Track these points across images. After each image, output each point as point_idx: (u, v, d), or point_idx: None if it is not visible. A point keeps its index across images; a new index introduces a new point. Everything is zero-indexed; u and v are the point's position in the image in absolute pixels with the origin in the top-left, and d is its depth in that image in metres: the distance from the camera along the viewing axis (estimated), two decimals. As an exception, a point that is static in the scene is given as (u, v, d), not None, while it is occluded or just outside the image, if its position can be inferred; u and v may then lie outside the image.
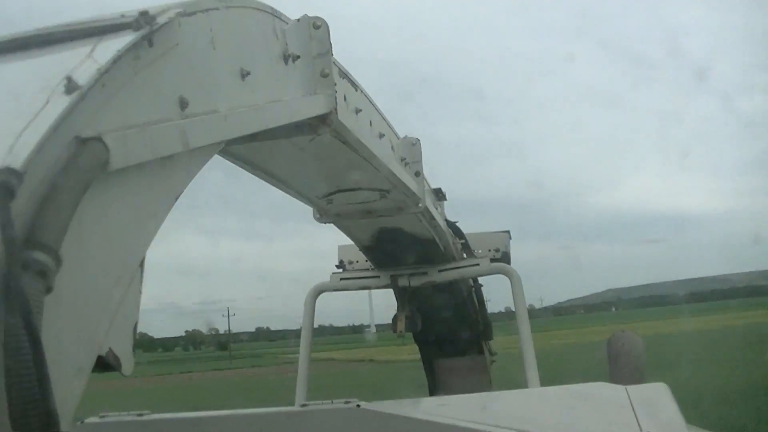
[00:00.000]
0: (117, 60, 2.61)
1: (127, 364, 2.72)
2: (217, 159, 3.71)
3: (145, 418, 4.51)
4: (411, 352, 11.32)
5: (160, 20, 2.89)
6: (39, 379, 1.99)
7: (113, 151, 2.46)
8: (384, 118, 6.40)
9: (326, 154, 5.32)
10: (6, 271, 2.01)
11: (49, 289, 2.12)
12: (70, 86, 2.41)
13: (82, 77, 2.46)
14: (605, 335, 9.75)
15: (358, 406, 4.17)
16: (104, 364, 2.60)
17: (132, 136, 2.63)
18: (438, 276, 9.02)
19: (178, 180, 3.03)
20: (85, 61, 2.59)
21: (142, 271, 2.81)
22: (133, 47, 2.72)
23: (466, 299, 10.02)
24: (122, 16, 2.89)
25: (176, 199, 3.02)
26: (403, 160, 6.97)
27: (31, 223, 2.15)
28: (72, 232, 2.25)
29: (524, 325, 8.81)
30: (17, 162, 2.12)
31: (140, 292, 2.82)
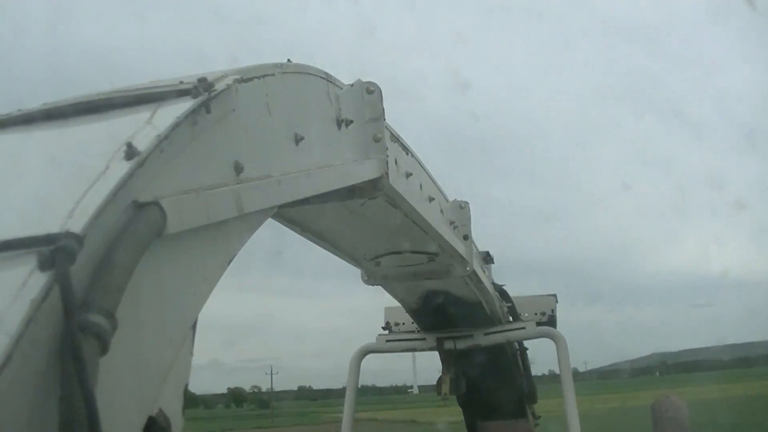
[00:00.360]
0: (176, 126, 2.66)
1: (177, 425, 2.74)
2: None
3: None
4: (453, 413, 11.23)
5: (218, 87, 2.95)
6: None
7: (170, 216, 2.50)
8: (434, 182, 6.42)
9: (376, 217, 5.34)
10: (64, 332, 2.05)
11: (104, 351, 2.14)
12: (130, 152, 2.45)
13: (142, 143, 2.51)
14: (650, 400, 9.63)
15: None
16: (154, 425, 2.62)
17: (188, 200, 2.67)
18: (484, 339, 8.96)
19: (231, 244, 3.06)
20: (145, 127, 2.63)
21: (194, 333, 2.83)
22: (191, 114, 2.77)
23: (511, 362, 9.95)
24: (181, 82, 2.95)
25: (229, 262, 3.05)
26: (452, 223, 6.99)
27: (89, 286, 2.19)
28: (128, 294, 2.28)
29: (569, 389, 8.73)
30: (78, 226, 2.16)
31: (192, 353, 2.84)
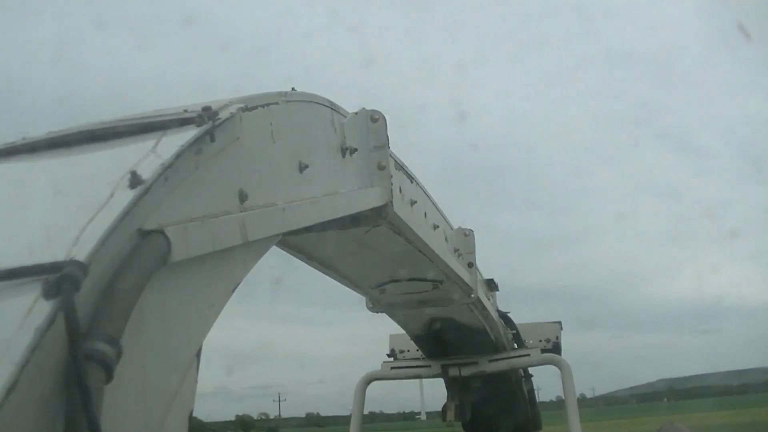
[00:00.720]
0: (180, 155, 2.67)
1: None
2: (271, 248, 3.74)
3: None
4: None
5: (223, 115, 2.96)
6: None
7: (174, 244, 2.51)
8: (438, 209, 6.44)
9: (381, 245, 5.35)
10: (69, 360, 2.06)
11: (109, 379, 2.15)
12: (134, 180, 2.46)
13: (146, 171, 2.52)
14: (656, 425, 9.62)
15: None
16: None
17: (193, 228, 2.68)
18: (488, 366, 8.97)
19: (236, 271, 3.07)
20: (149, 156, 2.65)
21: (198, 360, 2.84)
22: (196, 142, 2.78)
23: (516, 389, 9.96)
24: (185, 111, 2.96)
25: (234, 290, 3.05)
26: (456, 251, 7.00)
27: (94, 314, 2.20)
28: (132, 322, 2.29)
29: (574, 416, 8.74)
30: (82, 254, 2.18)
31: (196, 380, 2.84)
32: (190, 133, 2.80)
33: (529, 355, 9.27)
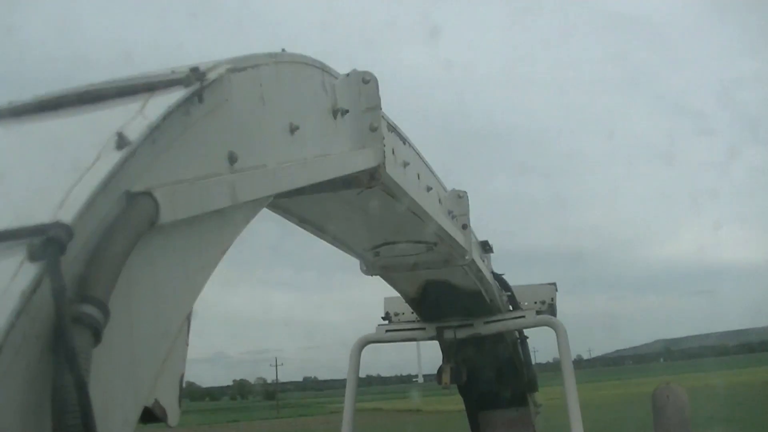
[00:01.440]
0: (167, 116, 2.65)
1: (173, 416, 2.73)
2: (265, 211, 3.73)
3: None
4: (459, 402, 11.24)
5: (211, 76, 2.93)
6: (86, 431, 2.01)
7: (163, 206, 2.49)
8: (432, 172, 6.42)
9: (374, 207, 5.33)
10: (56, 323, 2.04)
11: (97, 342, 2.13)
12: (121, 142, 2.44)
13: (133, 133, 2.50)
14: (652, 387, 9.66)
15: None
16: (150, 416, 2.62)
17: (181, 190, 2.66)
18: (483, 328, 8.97)
19: (226, 234, 3.05)
20: (136, 117, 2.62)
21: (189, 324, 2.83)
22: (184, 103, 2.75)
23: (511, 351, 9.98)
24: (173, 72, 2.93)
25: (224, 252, 3.04)
26: (450, 212, 6.98)
27: (81, 277, 2.18)
28: (121, 285, 2.28)
29: (569, 378, 8.77)
30: (68, 217, 2.15)
31: (187, 344, 2.83)
32: (177, 94, 2.77)
33: (524, 317, 9.28)
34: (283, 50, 3.80)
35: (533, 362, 10.93)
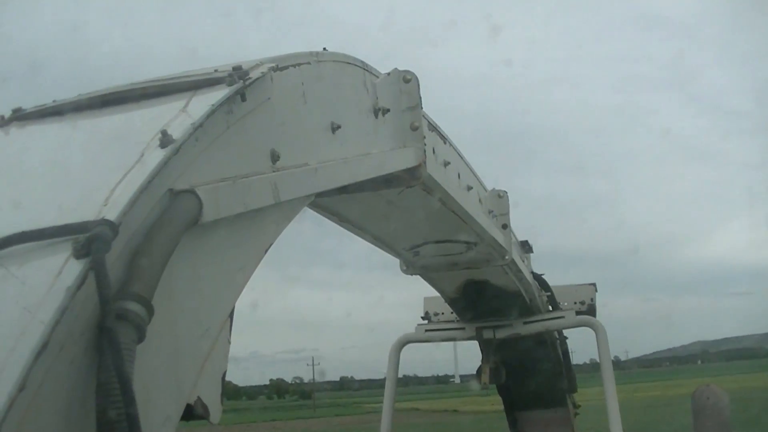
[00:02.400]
0: (210, 114, 2.66)
1: (215, 413, 2.73)
2: (304, 210, 3.72)
3: None
4: (496, 402, 11.21)
5: (253, 75, 2.94)
6: (129, 428, 2.02)
7: (205, 204, 2.49)
8: (472, 171, 6.40)
9: (414, 207, 5.32)
10: (100, 320, 2.05)
11: (141, 339, 2.14)
12: (165, 140, 2.45)
13: (177, 131, 2.51)
14: (691, 388, 9.57)
15: None
16: (192, 413, 2.62)
17: (224, 189, 2.67)
18: (523, 328, 8.93)
19: (268, 232, 3.05)
20: (180, 116, 2.63)
21: (231, 322, 2.83)
22: (227, 102, 2.76)
23: (550, 351, 9.92)
24: (216, 71, 2.94)
25: (266, 251, 3.04)
26: (490, 212, 6.96)
27: (125, 274, 2.19)
28: (164, 283, 2.28)
29: (609, 379, 8.70)
30: (112, 214, 2.17)
31: (229, 342, 2.83)
32: (220, 93, 2.79)
33: (563, 317, 9.23)
34: (325, 49, 3.80)
35: (572, 363, 10.86)
